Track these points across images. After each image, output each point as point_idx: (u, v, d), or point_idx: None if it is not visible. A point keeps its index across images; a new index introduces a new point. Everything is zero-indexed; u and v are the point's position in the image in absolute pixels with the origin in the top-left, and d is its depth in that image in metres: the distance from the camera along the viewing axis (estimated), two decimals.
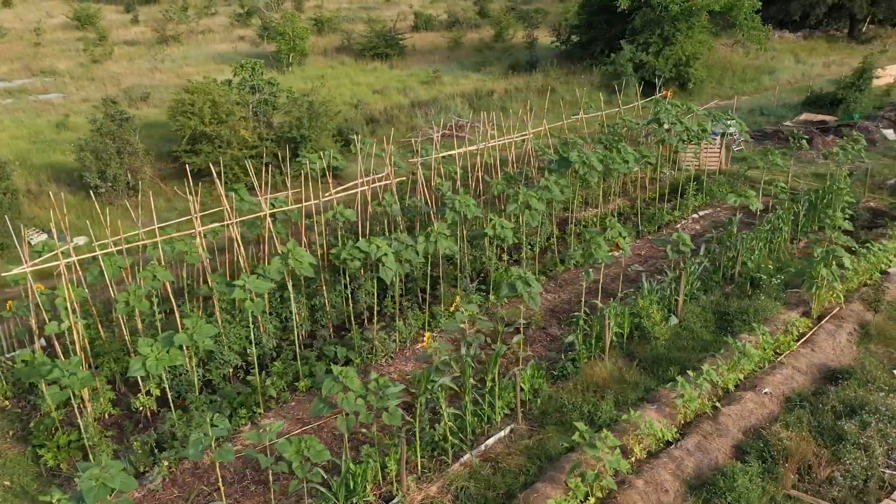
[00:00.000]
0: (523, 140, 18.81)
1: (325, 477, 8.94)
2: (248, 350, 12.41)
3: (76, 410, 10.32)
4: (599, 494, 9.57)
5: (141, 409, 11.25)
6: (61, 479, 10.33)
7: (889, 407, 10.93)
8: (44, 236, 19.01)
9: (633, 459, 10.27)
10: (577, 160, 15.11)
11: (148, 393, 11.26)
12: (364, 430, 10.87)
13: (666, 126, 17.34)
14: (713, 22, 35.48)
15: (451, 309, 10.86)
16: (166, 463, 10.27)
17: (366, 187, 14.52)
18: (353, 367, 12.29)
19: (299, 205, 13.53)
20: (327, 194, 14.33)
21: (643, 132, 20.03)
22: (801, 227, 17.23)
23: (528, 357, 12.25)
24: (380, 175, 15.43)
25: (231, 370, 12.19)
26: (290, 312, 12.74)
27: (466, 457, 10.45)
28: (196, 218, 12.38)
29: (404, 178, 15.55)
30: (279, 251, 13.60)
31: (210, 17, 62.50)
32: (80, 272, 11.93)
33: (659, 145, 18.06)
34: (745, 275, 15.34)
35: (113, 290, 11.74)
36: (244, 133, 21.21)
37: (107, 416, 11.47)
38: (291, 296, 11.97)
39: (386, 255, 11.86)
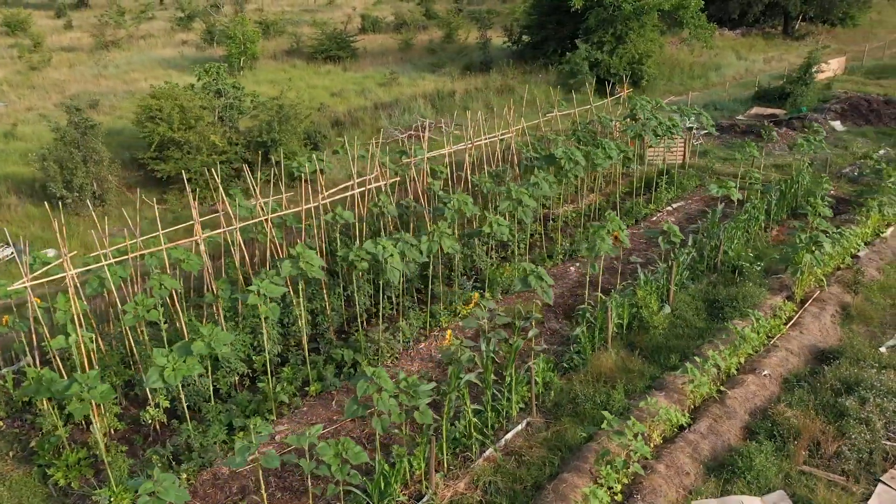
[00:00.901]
0: (501, 139, 18.99)
1: (363, 479, 8.89)
2: (253, 357, 12.25)
3: (81, 427, 10.00)
4: (626, 480, 9.80)
5: (150, 421, 10.94)
6: (74, 499, 9.98)
7: (883, 383, 11.49)
8: (9, 250, 18.29)
9: (651, 445, 10.53)
10: (563, 156, 15.37)
11: (157, 405, 10.97)
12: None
13: (642, 121, 17.79)
14: (661, 21, 36.46)
15: (471, 306, 10.92)
16: (185, 475, 10.03)
17: (362, 188, 14.44)
18: (364, 368, 12.31)
19: (298, 208, 13.38)
20: (321, 197, 14.20)
21: (615, 127, 20.48)
22: (773, 216, 17.91)
23: (542, 351, 12.40)
24: (368, 177, 15.36)
25: (237, 378, 11.98)
26: (294, 317, 12.59)
27: (489, 451, 10.54)
28: (197, 224, 12.10)
29: (398, 179, 15.51)
30: (276, 255, 13.46)
31: (148, 21, 60.90)
32: (78, 285, 11.51)
33: (637, 140, 18.50)
34: (726, 263, 15.86)
35: (120, 301, 11.41)
36: (214, 138, 20.79)
37: (113, 431, 11.13)
38: (302, 300, 11.82)
39: (392, 255, 11.84)
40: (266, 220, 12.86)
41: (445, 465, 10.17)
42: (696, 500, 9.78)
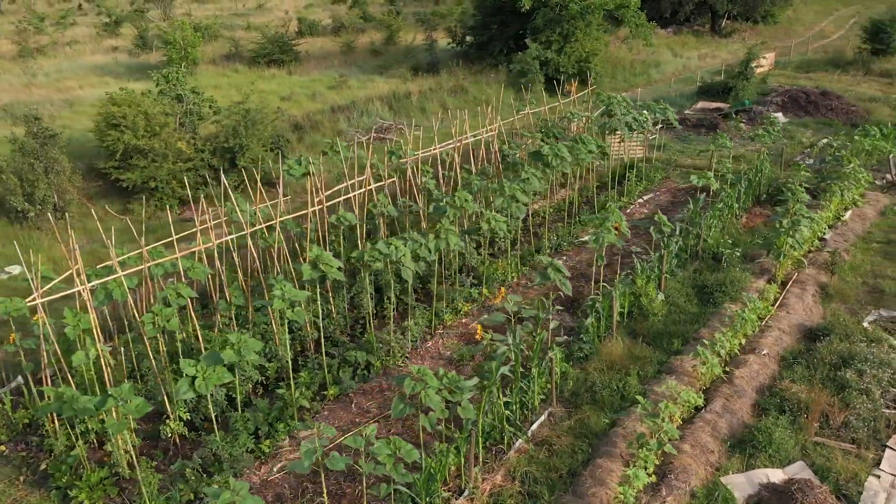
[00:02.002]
0: (481, 137, 19.17)
1: (415, 478, 8.89)
2: (266, 364, 12.04)
3: (92, 445, 9.63)
4: (657, 462, 10.10)
5: (170, 435, 10.62)
6: None
7: (875, 355, 12.20)
8: (17, 269, 17.49)
9: (674, 426, 10.88)
10: (550, 152, 15.67)
11: (178, 418, 10.66)
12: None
13: (618, 116, 18.29)
14: (604, 20, 37.40)
15: (497, 300, 11.03)
16: (216, 487, 9.78)
17: (362, 190, 14.35)
18: (378, 370, 12.30)
19: (302, 212, 13.20)
20: (318, 200, 14.06)
21: (584, 123, 20.96)
22: (742, 204, 18.70)
23: (562, 343, 12.63)
24: (363, 178, 15.28)
25: (250, 386, 11.75)
26: (302, 322, 12.43)
27: (519, 443, 10.69)
28: (211, 231, 11.80)
29: (394, 180, 15.48)
30: (272, 261, 13.27)
31: (71, 27, 58.48)
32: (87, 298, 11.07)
33: (612, 134, 18.98)
34: (707, 251, 16.48)
35: (136, 313, 11.04)
36: (181, 145, 20.22)
37: (130, 448, 10.73)
38: (319, 303, 11.68)
39: (405, 255, 11.86)
40: (274, 224, 12.63)
41: (481, 458, 10.26)
42: (724, 476, 10.18)
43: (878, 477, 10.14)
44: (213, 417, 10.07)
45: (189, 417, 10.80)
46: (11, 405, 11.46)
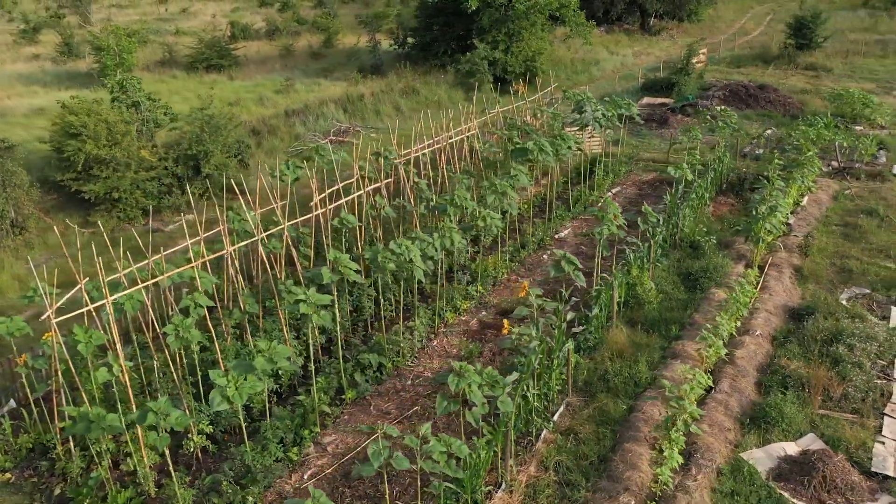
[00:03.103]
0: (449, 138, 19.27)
1: (463, 474, 8.93)
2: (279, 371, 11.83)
3: (109, 465, 9.30)
4: (684, 440, 10.43)
5: (192, 449, 10.31)
6: None
7: (861, 330, 12.94)
8: None
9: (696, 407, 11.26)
10: (534, 148, 15.94)
11: (200, 432, 10.37)
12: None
13: (588, 113, 18.73)
14: (546, 20, 38.08)
15: (521, 294, 11.15)
16: (251, 498, 9.59)
17: (360, 192, 14.24)
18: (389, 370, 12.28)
19: (307, 216, 13.01)
20: (315, 204, 13.87)
21: (542, 119, 21.37)
22: (710, 194, 19.45)
23: (578, 333, 12.87)
24: (348, 182, 15.17)
25: (265, 394, 11.52)
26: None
27: (545, 433, 10.87)
28: (226, 238, 11.49)
29: (390, 180, 15.40)
30: (272, 266, 13.06)
31: None
32: (94, 313, 10.63)
33: (582, 130, 19.41)
34: (684, 240, 17.08)
35: (157, 325, 10.66)
36: (145, 153, 19.55)
37: (151, 464, 10.38)
38: (336, 305, 11.54)
39: (415, 254, 11.87)
40: (283, 229, 12.41)
41: (513, 450, 10.37)
42: (744, 452, 10.62)
43: (883, 443, 10.79)
44: (243, 428, 9.83)
45: (211, 430, 10.52)
46: (12, 429, 10.90)
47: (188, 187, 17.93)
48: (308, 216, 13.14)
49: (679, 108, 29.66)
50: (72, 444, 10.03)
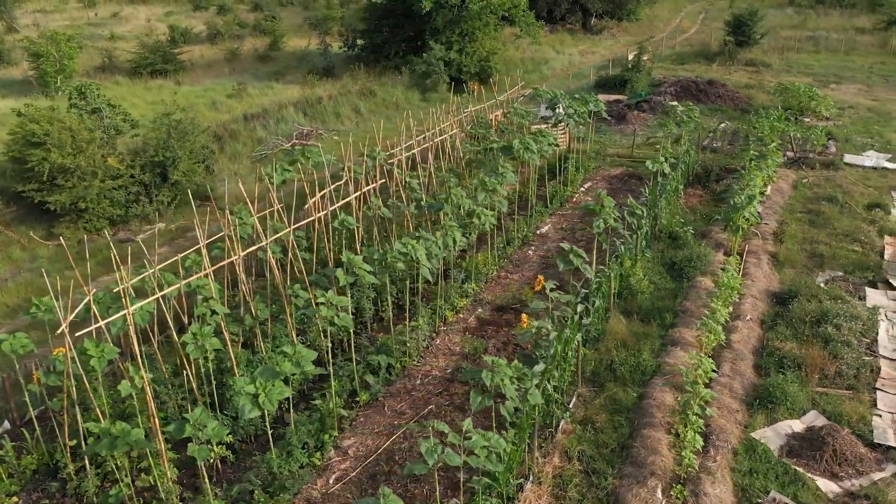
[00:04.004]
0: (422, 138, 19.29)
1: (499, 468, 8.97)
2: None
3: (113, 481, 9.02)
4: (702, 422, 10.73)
5: (212, 459, 10.07)
6: None
7: (845, 310, 13.56)
8: None
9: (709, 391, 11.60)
10: (520, 146, 16.12)
11: (220, 441, 10.10)
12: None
13: (564, 109, 19.05)
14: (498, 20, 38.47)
15: (537, 288, 11.24)
16: None
17: (357, 193, 14.12)
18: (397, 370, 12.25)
19: (309, 219, 12.83)
20: (308, 206, 13.70)
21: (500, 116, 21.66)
22: (681, 186, 20.03)
23: (587, 325, 13.05)
24: (338, 183, 15.03)
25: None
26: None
27: (562, 424, 11.02)
28: (238, 245, 11.22)
29: (384, 181, 15.30)
30: (273, 271, 12.84)
31: None
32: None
33: (555, 127, 19.72)
34: (662, 231, 17.55)
35: (152, 335, 10.34)
36: (112, 161, 18.90)
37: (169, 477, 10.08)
38: (349, 307, 11.42)
39: (421, 253, 11.87)
40: (289, 232, 12.19)
41: (536, 441, 10.49)
42: (754, 432, 11.01)
43: (880, 416, 11.35)
44: (269, 435, 9.65)
45: (231, 440, 10.28)
46: (14, 451, 10.41)
47: (157, 195, 17.49)
48: (310, 219, 12.94)
49: (635, 104, 30.39)
50: (87, 461, 9.64)
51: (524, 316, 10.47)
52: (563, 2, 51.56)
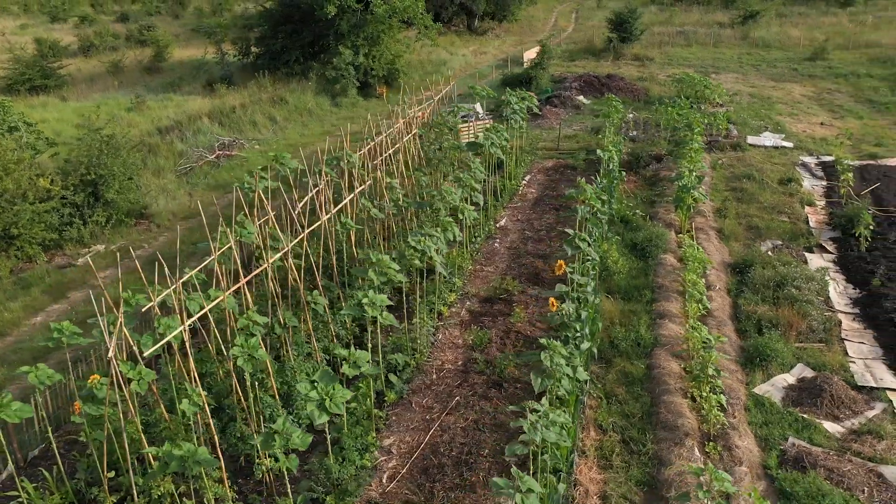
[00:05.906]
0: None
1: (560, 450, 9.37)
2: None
3: None
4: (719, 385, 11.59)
5: (262, 475, 9.82)
6: None
7: (800, 273, 15.00)
8: None
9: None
10: (488, 143, 16.59)
11: (270, 454, 9.88)
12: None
13: (512, 108, 19.71)
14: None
15: (559, 272, 11.64)
16: None
17: (352, 195, 14.02)
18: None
19: (316, 223, 12.64)
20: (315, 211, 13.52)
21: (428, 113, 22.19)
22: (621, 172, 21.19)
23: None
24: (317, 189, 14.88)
25: None
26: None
27: (586, 399, 11.58)
28: (266, 252, 10.92)
29: (369, 182, 15.20)
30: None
31: None
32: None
33: (506, 125, 20.36)
34: (614, 215, 18.55)
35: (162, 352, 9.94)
36: (44, 182, 17.63)
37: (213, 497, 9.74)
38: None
39: (431, 249, 12.09)
40: (303, 238, 11.98)
41: (579, 418, 10.97)
42: (756, 388, 12.03)
43: (854, 363, 12.70)
44: (328, 440, 9.56)
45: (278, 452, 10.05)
46: (37, 493, 9.68)
47: (91, 215, 16.46)
48: (318, 223, 12.76)
49: (545, 100, 31.63)
50: (134, 491, 9.16)
51: (552, 300, 10.92)
52: (450, 4, 52.56)
